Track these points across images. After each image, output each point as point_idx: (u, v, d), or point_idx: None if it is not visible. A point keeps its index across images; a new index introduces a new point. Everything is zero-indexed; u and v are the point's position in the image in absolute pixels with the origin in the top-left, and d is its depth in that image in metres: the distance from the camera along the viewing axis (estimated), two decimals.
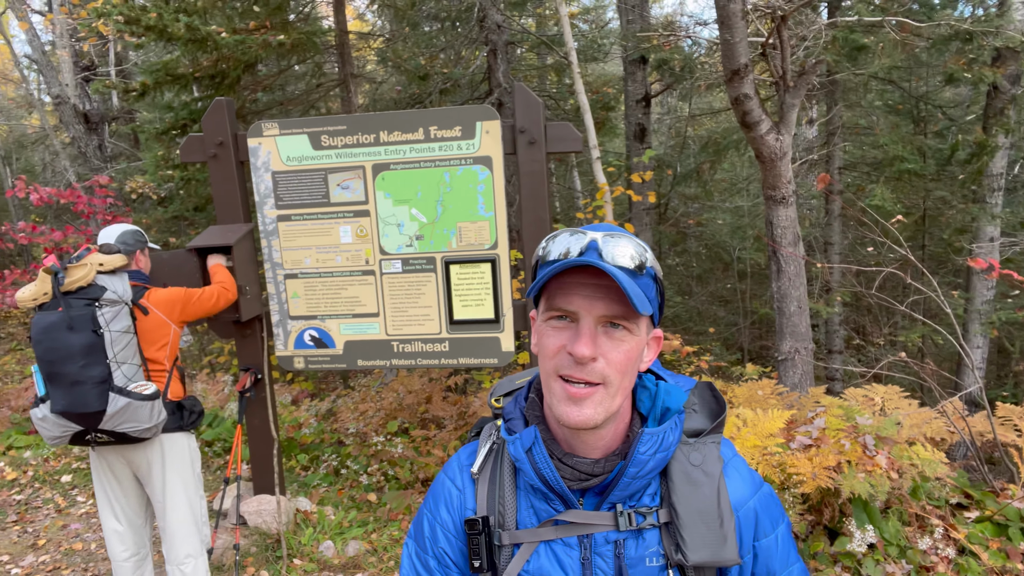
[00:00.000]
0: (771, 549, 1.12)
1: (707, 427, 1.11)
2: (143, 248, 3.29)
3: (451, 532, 1.16)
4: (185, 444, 3.20)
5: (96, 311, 2.87)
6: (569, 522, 1.07)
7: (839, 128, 7.40)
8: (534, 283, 1.01)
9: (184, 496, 3.19)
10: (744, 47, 4.74)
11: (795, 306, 5.37)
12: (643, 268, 1.00)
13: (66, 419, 2.84)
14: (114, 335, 2.89)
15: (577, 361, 0.97)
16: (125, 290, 3.01)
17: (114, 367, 2.87)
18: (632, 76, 7.34)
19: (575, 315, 0.98)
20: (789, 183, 5.19)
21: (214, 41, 4.83)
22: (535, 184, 3.75)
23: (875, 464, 3.89)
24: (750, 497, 1.11)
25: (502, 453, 1.15)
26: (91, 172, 9.30)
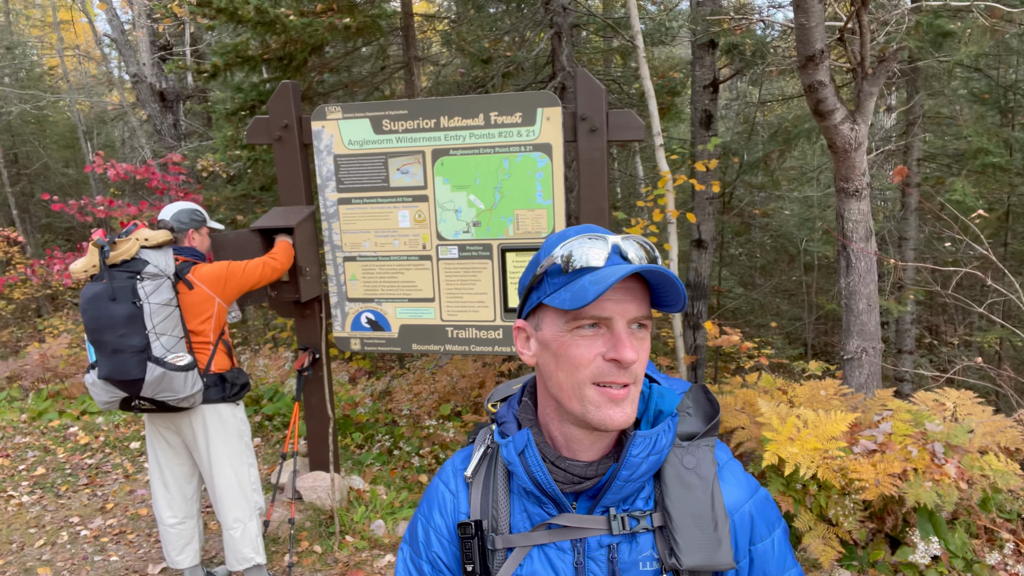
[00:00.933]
0: (767, 553, 1.11)
1: (701, 430, 1.10)
2: (198, 227, 3.38)
3: (444, 536, 1.16)
4: (229, 414, 3.30)
5: (136, 283, 2.99)
6: (562, 526, 1.07)
7: (919, 118, 7.04)
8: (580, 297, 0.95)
9: (228, 464, 3.30)
10: (820, 32, 4.54)
11: (864, 304, 5.16)
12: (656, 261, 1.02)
13: (111, 385, 2.99)
14: (153, 307, 3.00)
15: (623, 367, 0.97)
16: (168, 264, 3.09)
17: (153, 338, 2.99)
18: (700, 61, 7.13)
19: (608, 321, 0.98)
20: (863, 175, 4.96)
21: (282, 23, 4.90)
22: (595, 173, 3.68)
23: (944, 473, 3.71)
24: (745, 501, 1.10)
25: (496, 457, 1.15)
26: (166, 149, 9.62)
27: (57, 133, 19.12)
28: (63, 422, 6.08)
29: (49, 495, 4.79)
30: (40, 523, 4.41)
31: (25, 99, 15.75)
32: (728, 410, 4.56)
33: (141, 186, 12.70)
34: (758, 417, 4.17)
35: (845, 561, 3.77)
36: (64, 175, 18.60)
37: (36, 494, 4.81)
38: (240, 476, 3.35)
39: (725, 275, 11.13)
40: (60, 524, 4.39)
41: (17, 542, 4.18)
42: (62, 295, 15.55)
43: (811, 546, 3.66)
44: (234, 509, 3.34)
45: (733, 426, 4.37)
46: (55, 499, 4.73)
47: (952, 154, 7.34)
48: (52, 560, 3.99)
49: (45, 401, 6.57)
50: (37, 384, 7.10)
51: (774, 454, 3.68)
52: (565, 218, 3.76)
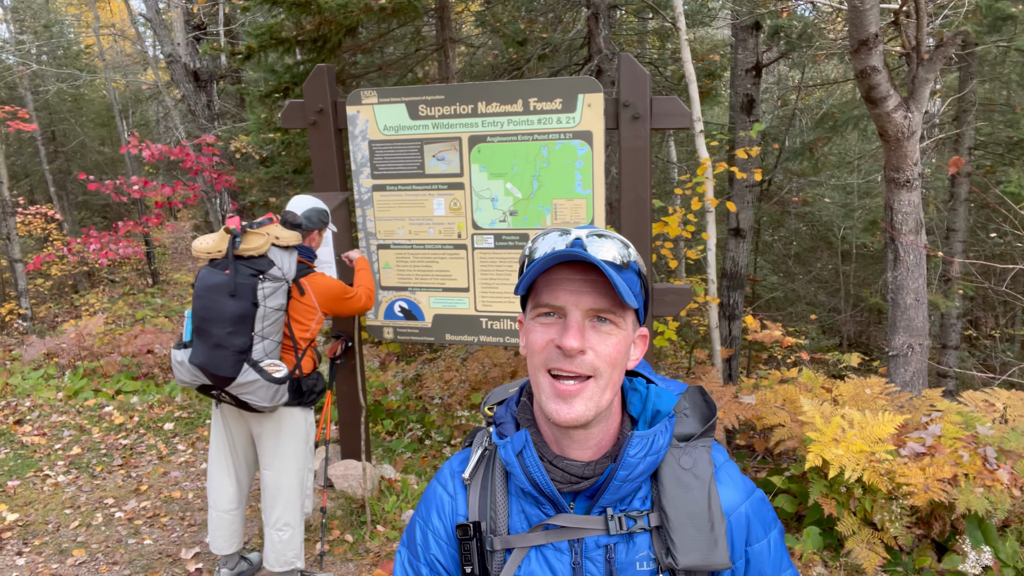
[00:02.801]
0: (763, 554, 1.12)
1: (698, 431, 1.11)
2: (323, 228, 3.35)
3: (443, 539, 1.16)
4: (302, 419, 3.28)
5: (258, 283, 2.94)
6: (560, 526, 1.07)
7: (973, 105, 6.76)
8: (521, 280, 1.03)
9: (294, 467, 3.27)
10: (875, 15, 4.33)
11: (912, 298, 4.98)
12: (627, 264, 1.02)
13: (201, 372, 2.95)
14: (267, 310, 2.97)
15: (566, 354, 0.99)
16: (291, 268, 3.05)
17: (257, 340, 2.96)
18: (743, 43, 6.90)
19: (562, 310, 1.00)
20: (915, 165, 4.76)
21: (317, 4, 4.82)
22: (637, 162, 3.56)
23: (996, 479, 3.56)
24: (742, 502, 1.11)
25: (493, 458, 1.15)
26: (199, 130, 9.64)
27: (93, 111, 19.35)
28: (98, 401, 6.15)
29: (84, 475, 4.83)
30: (75, 504, 4.45)
31: (62, 78, 15.93)
32: (767, 406, 4.44)
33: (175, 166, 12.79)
34: (800, 415, 4.04)
35: (889, 567, 3.64)
36: (100, 153, 18.84)
37: (72, 474, 4.86)
38: (302, 481, 3.33)
39: (760, 263, 10.91)
40: (95, 505, 4.43)
41: (53, 522, 4.22)
42: (98, 272, 15.80)
43: (855, 551, 3.55)
44: (287, 512, 3.30)
45: (772, 423, 4.25)
46: (90, 480, 4.78)
47: (1005, 143, 7.05)
48: (87, 542, 4.02)
49: (81, 380, 6.66)
50: (73, 362, 7.19)
51: (818, 455, 3.56)
52: (605, 208, 3.65)
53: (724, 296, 7.22)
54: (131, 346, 7.45)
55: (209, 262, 2.97)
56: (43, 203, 15.36)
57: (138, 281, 16.18)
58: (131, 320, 11.44)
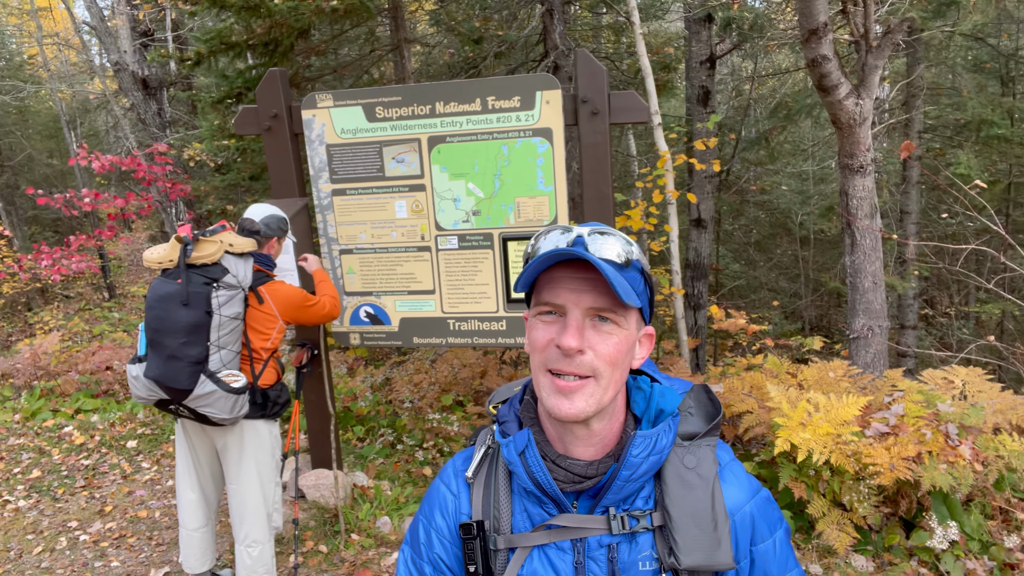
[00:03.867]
0: (768, 554, 1.11)
1: (702, 430, 1.10)
2: (282, 236, 3.27)
3: (446, 538, 1.16)
4: (266, 431, 3.19)
5: (212, 291, 2.86)
6: (562, 526, 1.06)
7: (921, 89, 6.92)
8: (521, 278, 1.02)
9: (258, 482, 3.19)
10: (823, 4, 4.41)
11: (870, 281, 5.08)
12: (629, 262, 1.02)
13: (157, 386, 2.86)
14: (223, 319, 2.89)
15: (565, 354, 0.98)
16: (246, 275, 2.98)
17: (213, 350, 2.88)
18: (696, 36, 6.97)
19: (563, 309, 0.99)
20: (868, 151, 4.86)
21: (267, 7, 4.73)
22: (597, 157, 3.56)
23: (958, 455, 3.65)
24: (746, 501, 1.10)
25: (497, 457, 1.15)
26: (151, 138, 9.42)
27: (40, 123, 18.80)
28: (57, 421, 5.97)
29: (46, 499, 4.69)
30: (38, 528, 4.31)
31: (5, 89, 15.43)
32: (735, 394, 4.49)
33: (128, 176, 12.48)
34: (767, 402, 4.09)
35: (860, 546, 3.71)
36: (49, 166, 18.32)
37: (33, 498, 4.71)
38: (267, 495, 3.24)
39: (722, 253, 11.04)
40: (58, 529, 4.30)
41: (15, 549, 4.09)
42: (52, 288, 15.35)
43: (825, 532, 3.61)
44: (255, 529, 3.22)
45: (741, 411, 4.30)
46: (52, 503, 4.63)
47: (953, 125, 7.24)
48: (52, 567, 3.90)
49: (38, 400, 6.46)
50: (29, 382, 6.98)
51: (786, 440, 3.61)
52: (568, 204, 3.65)
53: (688, 286, 7.30)
54: (89, 363, 7.24)
55: (161, 272, 2.89)
56: None
57: (94, 296, 15.77)
58: (88, 336, 11.13)
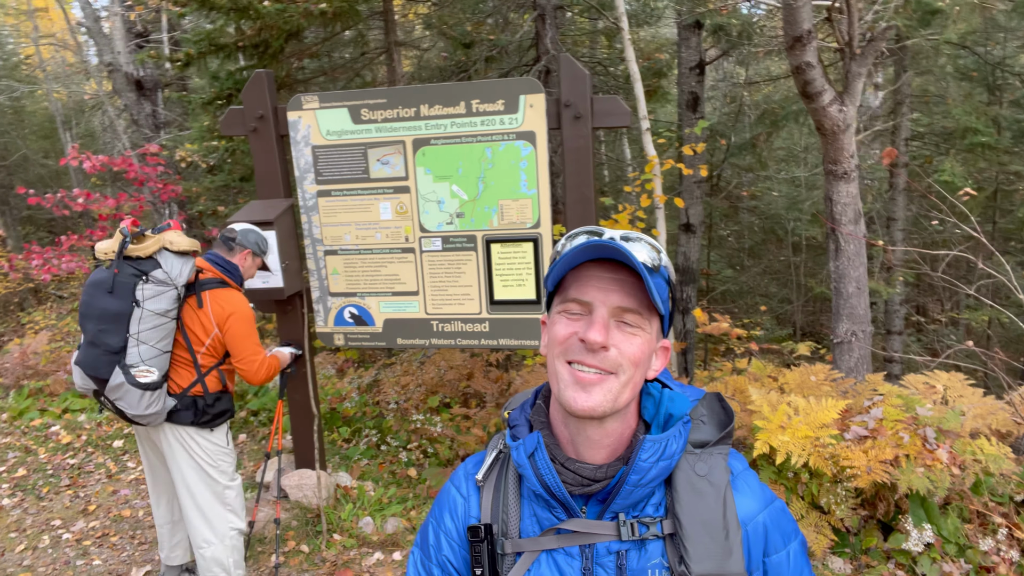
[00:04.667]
0: (782, 566, 1.09)
1: (715, 438, 1.09)
2: (255, 253, 3.30)
3: (455, 540, 1.16)
4: (197, 440, 3.16)
5: (138, 283, 2.89)
6: (571, 531, 1.06)
7: (907, 97, 6.98)
8: (552, 272, 1.03)
9: (186, 488, 3.20)
10: (808, 12, 4.45)
11: (853, 287, 5.12)
12: (658, 268, 1.03)
13: (83, 373, 2.92)
14: (146, 312, 2.90)
15: (589, 348, 0.98)
16: (180, 273, 2.98)
17: (132, 343, 2.89)
18: (686, 42, 7.02)
19: (589, 306, 1.00)
20: (852, 157, 4.90)
21: (255, 9, 4.76)
22: (580, 161, 3.59)
23: (936, 459, 3.69)
24: (759, 511, 1.09)
25: (507, 461, 1.15)
26: (143, 139, 9.43)
27: (35, 123, 18.77)
28: (44, 421, 5.97)
29: (31, 497, 4.69)
30: (21, 527, 4.32)
31: (1, 89, 15.43)
32: None
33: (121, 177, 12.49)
34: (749, 405, 4.12)
35: (837, 549, 3.74)
36: (44, 166, 18.28)
37: (17, 496, 4.71)
38: (199, 500, 3.21)
39: (714, 258, 11.09)
40: (41, 527, 4.30)
41: None
42: (45, 289, 15.33)
43: (804, 535, 3.63)
44: (203, 529, 3.24)
45: None
46: (36, 501, 4.64)
47: (940, 133, 7.30)
48: (33, 565, 3.90)
49: (26, 399, 6.46)
50: (18, 382, 6.97)
51: (765, 443, 3.64)
52: (551, 207, 3.68)
53: (678, 291, 7.33)
54: None
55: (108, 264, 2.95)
56: None
57: None
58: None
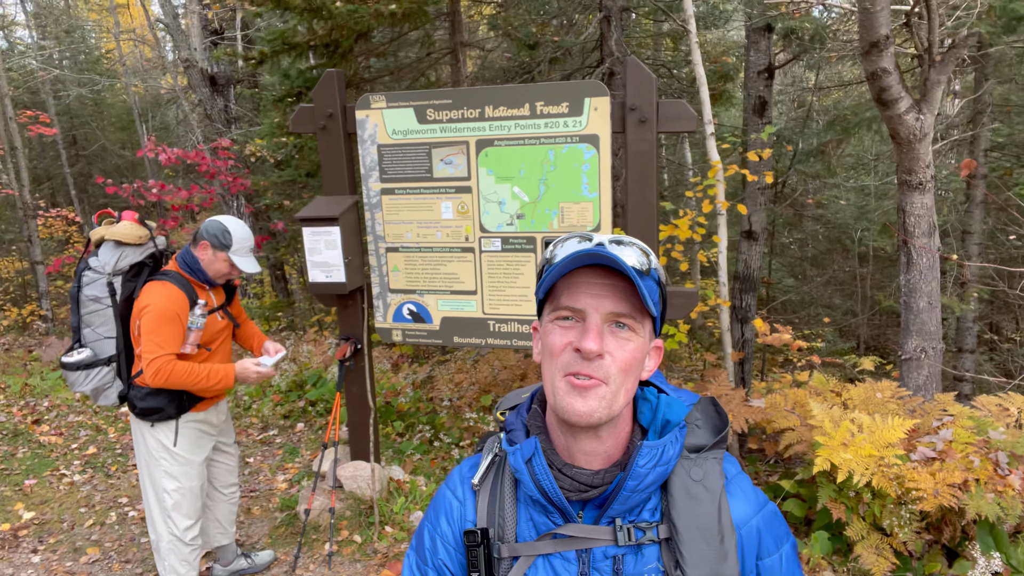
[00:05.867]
0: (775, 569, 1.10)
1: (710, 442, 1.10)
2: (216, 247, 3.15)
3: (451, 544, 1.16)
4: (142, 431, 3.17)
5: (83, 269, 3.12)
6: (568, 536, 1.06)
7: (988, 106, 6.68)
8: (542, 281, 1.03)
9: (146, 479, 3.25)
10: (885, 16, 4.31)
11: (925, 302, 4.93)
12: (648, 271, 1.03)
13: None
14: (84, 298, 3.11)
15: (584, 357, 0.98)
16: (109, 262, 3.08)
17: (84, 325, 3.13)
18: (755, 45, 6.88)
19: (582, 313, 1.00)
20: (928, 167, 4.72)
21: (328, 10, 4.87)
22: (643, 165, 3.56)
23: (1008, 484, 3.53)
24: (753, 515, 1.09)
25: (503, 465, 1.15)
26: (216, 134, 9.75)
27: (114, 115, 19.62)
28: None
29: (99, 475, 4.91)
30: (90, 503, 4.52)
31: (83, 82, 16.16)
32: (777, 410, 4.42)
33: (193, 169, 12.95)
34: (809, 419, 4.02)
35: (899, 572, 3.61)
36: (120, 156, 19.09)
37: (87, 473, 4.93)
38: (145, 493, 3.26)
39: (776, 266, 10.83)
40: (109, 504, 4.49)
41: (68, 521, 4.29)
42: None
43: (863, 556, 3.52)
44: (153, 528, 3.29)
45: (783, 427, 4.23)
46: (105, 479, 4.85)
47: (1021, 144, 6.97)
48: (101, 540, 4.08)
49: None
50: None
51: (826, 459, 3.54)
52: (612, 211, 3.66)
53: (736, 299, 7.19)
54: None
55: None
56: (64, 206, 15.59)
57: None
58: None
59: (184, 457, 3.23)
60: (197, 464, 3.28)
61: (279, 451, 5.18)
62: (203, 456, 3.33)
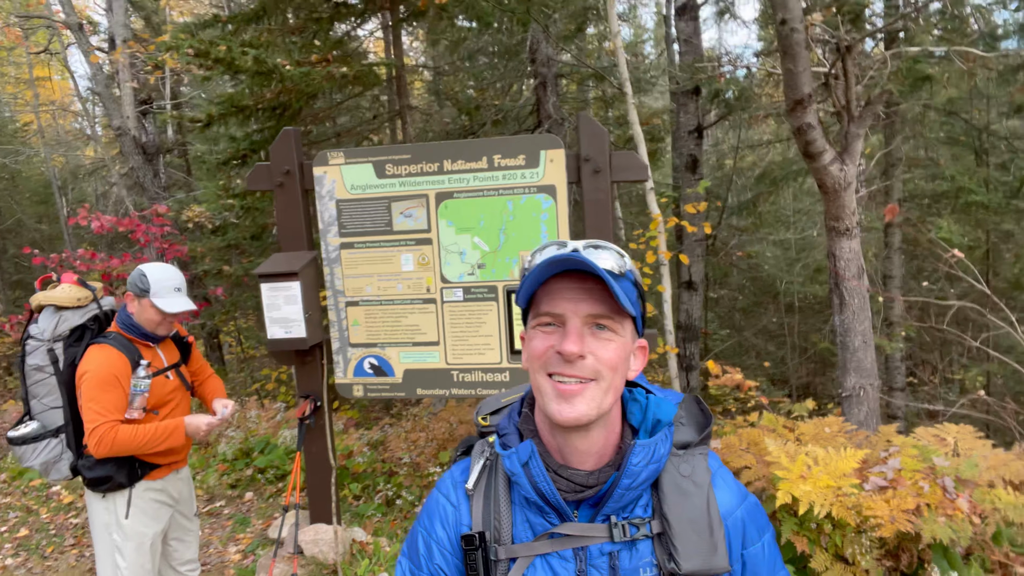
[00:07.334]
0: (758, 557, 1.15)
1: (695, 439, 1.14)
2: (137, 295, 2.97)
3: (446, 548, 1.17)
4: (92, 502, 3.00)
5: (27, 338, 2.93)
6: (564, 535, 1.09)
7: (900, 160, 7.25)
8: (521, 289, 1.06)
9: (97, 556, 3.05)
10: (808, 76, 4.68)
11: (860, 340, 5.21)
12: (623, 273, 1.06)
13: None
14: (28, 367, 2.91)
15: (566, 359, 1.01)
16: (46, 329, 2.91)
17: (31, 396, 2.92)
18: (684, 107, 7.31)
19: (561, 318, 1.03)
20: (853, 214, 5.06)
21: (280, 73, 4.94)
22: (600, 213, 3.70)
23: (956, 508, 3.70)
24: (737, 506, 1.14)
25: (496, 468, 1.16)
26: (148, 201, 9.55)
27: (30, 189, 18.94)
28: (44, 481, 5.84)
29: (35, 557, 4.56)
30: None
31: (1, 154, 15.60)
32: (732, 450, 4.52)
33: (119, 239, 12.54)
34: (766, 456, 4.13)
35: None
36: (37, 231, 18.37)
37: (21, 556, 4.58)
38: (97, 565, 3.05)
39: (710, 317, 11.19)
40: None
41: None
42: None
43: None
44: None
45: (739, 466, 4.32)
46: (41, 561, 4.51)
47: (931, 194, 7.56)
48: None
49: None
50: None
51: (787, 493, 3.63)
52: None
53: (681, 347, 7.39)
54: None
55: None
56: None
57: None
58: None
59: (136, 531, 3.01)
60: (150, 537, 3.05)
61: (228, 522, 4.95)
62: (158, 529, 3.09)
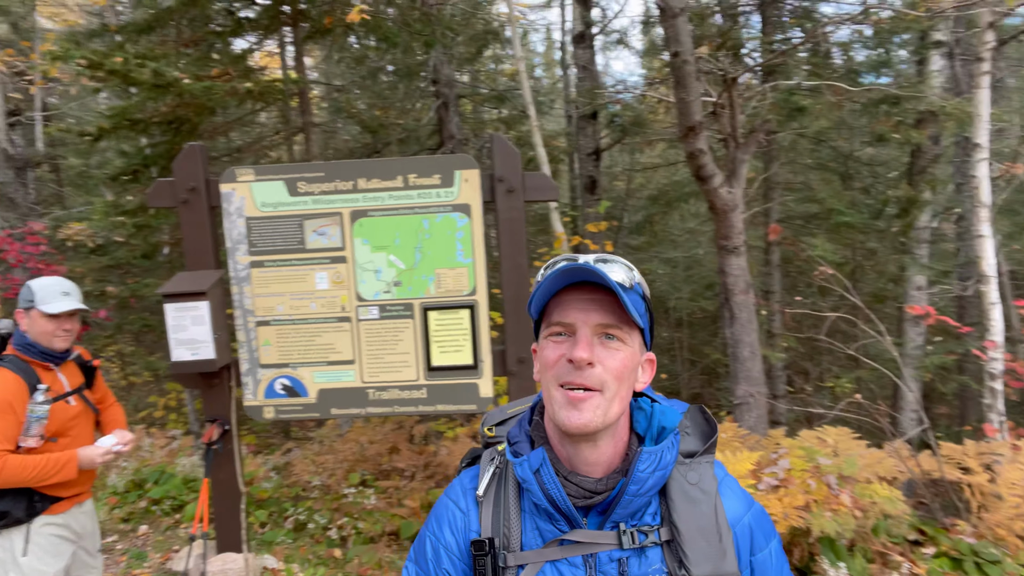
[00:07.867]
0: (767, 563, 1.17)
1: (700, 448, 1.17)
2: (25, 308, 2.87)
3: (455, 554, 1.18)
4: None
5: None
6: (574, 541, 1.10)
7: (777, 184, 7.86)
8: (533, 300, 1.11)
9: None
10: (698, 105, 5.01)
11: (748, 351, 5.58)
12: (632, 286, 1.10)
13: None
14: None
15: (576, 366, 1.05)
16: None
17: None
18: (583, 131, 7.62)
19: (572, 327, 1.07)
20: (740, 234, 5.44)
21: (178, 87, 4.77)
22: (514, 231, 3.82)
23: (840, 503, 4.03)
24: (744, 513, 1.16)
25: (505, 476, 1.18)
26: (19, 218, 8.89)
27: None
28: None
29: None
30: None
31: None
32: None
33: None
34: None
35: None
36: None
37: None
38: None
39: None
40: None
41: None
42: None
43: None
44: None
45: None
46: None
47: (803, 215, 8.24)
48: None
49: None
50: None
51: None
52: (486, 275, 3.86)
53: None
54: None
55: None
56: None
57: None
58: None
59: (36, 569, 2.81)
60: None
61: (123, 557, 4.67)
62: (59, 567, 2.88)
